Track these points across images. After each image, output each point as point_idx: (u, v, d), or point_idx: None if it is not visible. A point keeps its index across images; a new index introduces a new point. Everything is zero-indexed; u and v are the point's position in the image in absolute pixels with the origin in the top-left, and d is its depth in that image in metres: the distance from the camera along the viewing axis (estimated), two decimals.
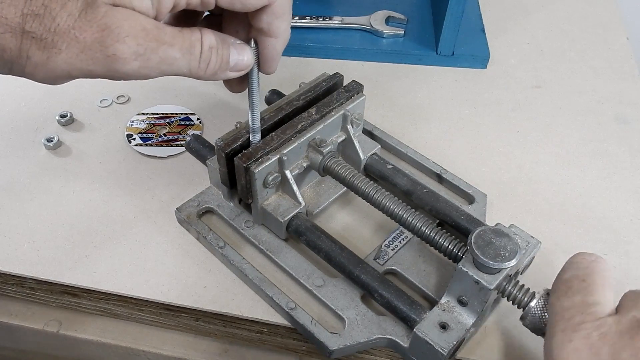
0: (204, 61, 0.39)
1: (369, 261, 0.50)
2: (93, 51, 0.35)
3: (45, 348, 0.55)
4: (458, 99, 0.70)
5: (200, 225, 0.53)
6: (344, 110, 0.53)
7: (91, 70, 0.36)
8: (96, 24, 0.35)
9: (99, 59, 0.36)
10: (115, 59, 0.36)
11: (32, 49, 0.35)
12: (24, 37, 0.35)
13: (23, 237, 0.54)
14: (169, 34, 0.37)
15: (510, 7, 0.86)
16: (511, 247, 0.41)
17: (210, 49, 0.39)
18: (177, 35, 0.38)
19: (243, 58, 0.41)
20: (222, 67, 0.40)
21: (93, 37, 0.35)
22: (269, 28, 0.41)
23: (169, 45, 0.37)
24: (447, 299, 0.44)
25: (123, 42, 0.35)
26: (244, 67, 0.42)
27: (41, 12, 0.35)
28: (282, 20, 0.41)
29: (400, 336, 0.45)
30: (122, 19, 0.35)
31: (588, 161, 0.63)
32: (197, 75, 0.40)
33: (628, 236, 0.55)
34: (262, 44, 0.43)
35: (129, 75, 0.37)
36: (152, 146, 0.62)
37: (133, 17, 0.36)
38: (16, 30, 0.35)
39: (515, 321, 0.43)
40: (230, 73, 0.41)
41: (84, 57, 0.35)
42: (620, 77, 0.74)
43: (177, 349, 0.51)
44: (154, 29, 0.36)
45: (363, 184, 0.50)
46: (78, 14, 0.35)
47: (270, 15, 0.41)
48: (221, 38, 0.40)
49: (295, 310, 0.47)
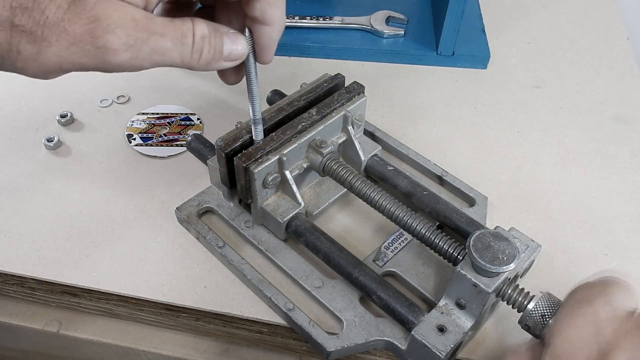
0: (197, 51, 0.39)
1: (368, 263, 0.50)
2: (83, 43, 0.35)
3: (45, 348, 0.55)
4: (458, 99, 0.70)
5: (200, 225, 0.53)
6: (345, 111, 0.53)
7: (82, 62, 0.36)
8: (85, 16, 0.35)
9: (90, 51, 0.35)
10: (106, 50, 0.35)
11: (22, 43, 0.35)
12: (13, 31, 0.35)
13: (23, 237, 0.54)
14: (160, 24, 0.37)
15: (510, 7, 0.86)
16: (510, 250, 0.41)
17: (203, 38, 0.39)
18: (168, 25, 0.37)
19: (237, 47, 0.41)
20: (215, 57, 0.40)
21: (83, 29, 0.35)
22: (263, 16, 0.41)
23: (160, 35, 0.37)
24: (445, 302, 0.44)
25: (113, 33, 0.35)
26: (238, 56, 0.41)
27: (30, 5, 0.34)
28: (276, 7, 0.41)
29: (398, 338, 0.45)
30: (112, 10, 0.35)
31: (588, 161, 0.63)
32: (190, 65, 0.39)
33: (628, 236, 0.56)
34: (257, 33, 0.42)
35: (121, 66, 0.37)
36: (153, 146, 0.62)
37: (122, 8, 0.35)
38: (5, 24, 0.34)
39: (515, 323, 0.43)
40: (224, 63, 0.41)
41: (74, 49, 0.35)
42: (620, 77, 0.74)
43: (177, 349, 0.51)
44: (144, 19, 0.36)
45: (363, 186, 0.50)
46: (67, 6, 0.35)
47: (264, 3, 0.40)
48: (214, 27, 0.39)
49: (293, 311, 0.47)
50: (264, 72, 0.62)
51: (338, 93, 0.54)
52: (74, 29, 0.35)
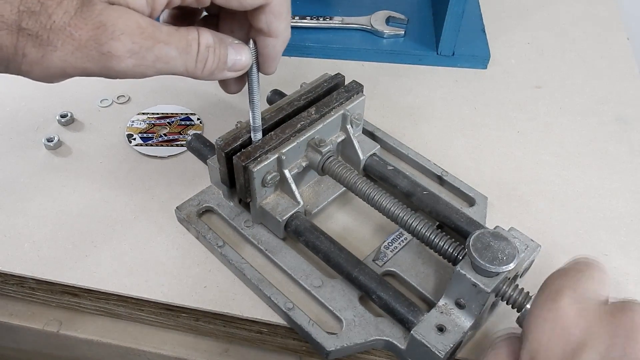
0: (201, 61, 0.39)
1: (367, 262, 0.50)
2: (88, 49, 0.35)
3: (45, 348, 0.55)
4: (458, 99, 0.70)
5: (199, 224, 0.53)
6: (344, 110, 0.53)
7: (86, 67, 0.36)
8: (91, 22, 0.35)
9: (94, 56, 0.35)
10: (110, 56, 0.35)
11: (28, 46, 0.35)
12: (20, 35, 0.35)
13: (23, 237, 0.54)
14: (165, 32, 0.37)
15: (510, 7, 0.86)
16: (509, 250, 0.41)
17: (208, 48, 0.39)
18: (174, 33, 0.37)
19: (241, 58, 0.41)
20: (219, 67, 0.40)
21: (88, 34, 0.35)
22: (268, 28, 0.41)
23: (164, 43, 0.37)
24: (445, 302, 0.44)
25: (118, 39, 0.35)
26: (241, 67, 0.42)
27: (37, 9, 0.35)
28: (281, 20, 0.41)
29: (397, 338, 0.45)
30: (118, 16, 0.35)
31: (588, 161, 0.63)
32: (193, 74, 0.40)
33: (628, 236, 0.55)
34: (261, 44, 0.43)
35: (124, 73, 0.37)
36: (153, 146, 0.62)
37: (128, 15, 0.36)
38: (12, 27, 0.35)
39: (515, 323, 0.43)
40: (227, 73, 0.41)
41: (79, 54, 0.35)
42: (620, 77, 0.74)
43: (177, 349, 0.51)
44: (150, 27, 0.36)
45: (362, 185, 0.50)
46: (74, 11, 0.35)
47: (269, 15, 0.41)
48: (219, 38, 0.40)
49: (293, 311, 0.47)
50: None
51: (337, 92, 0.54)
52: (80, 34, 0.35)
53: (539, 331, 0.37)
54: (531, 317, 0.38)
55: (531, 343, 0.37)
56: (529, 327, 0.38)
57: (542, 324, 0.37)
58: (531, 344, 0.37)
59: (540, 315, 0.37)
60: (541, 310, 0.37)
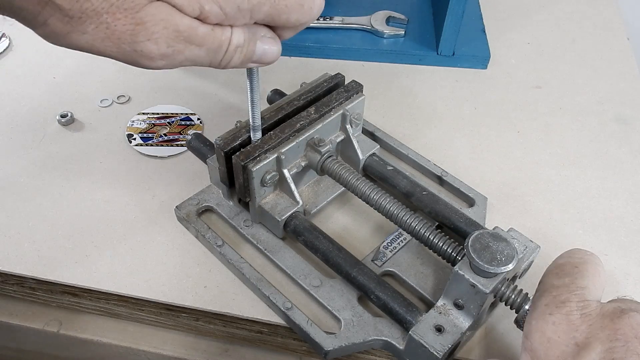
0: (226, 59, 0.38)
1: (366, 262, 0.50)
2: (121, 41, 0.34)
3: (45, 348, 0.56)
4: (458, 99, 0.70)
5: (199, 223, 0.53)
6: (343, 110, 0.53)
7: (112, 55, 0.35)
8: (132, 16, 0.33)
9: (125, 50, 0.35)
10: (142, 55, 0.35)
11: (53, 18, 0.33)
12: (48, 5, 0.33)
13: (23, 236, 0.54)
14: (201, 35, 0.36)
15: (510, 7, 0.86)
16: (508, 251, 0.41)
17: (237, 48, 0.38)
18: (208, 35, 0.36)
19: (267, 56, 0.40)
20: (243, 62, 0.39)
21: (125, 28, 0.34)
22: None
23: (197, 46, 0.36)
24: (443, 302, 0.44)
25: (155, 42, 0.34)
26: (268, 61, 0.41)
27: None
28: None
29: (396, 338, 0.45)
30: (160, 17, 0.34)
31: (588, 161, 0.63)
32: (215, 67, 0.39)
33: (628, 236, 0.55)
34: None
35: (150, 68, 0.36)
36: (153, 146, 0.63)
37: (170, 17, 0.34)
38: None
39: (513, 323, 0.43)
40: (251, 64, 0.41)
41: (109, 43, 0.34)
42: (620, 77, 0.74)
43: (177, 349, 0.51)
44: (188, 30, 0.35)
45: (360, 184, 0.50)
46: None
47: None
48: (252, 33, 0.39)
49: (291, 310, 0.47)
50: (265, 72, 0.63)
51: (336, 92, 0.54)
52: (117, 25, 0.34)
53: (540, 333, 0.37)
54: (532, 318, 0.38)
55: (532, 344, 0.37)
56: (530, 327, 0.38)
57: (544, 326, 0.37)
58: (532, 345, 0.37)
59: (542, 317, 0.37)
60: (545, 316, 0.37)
